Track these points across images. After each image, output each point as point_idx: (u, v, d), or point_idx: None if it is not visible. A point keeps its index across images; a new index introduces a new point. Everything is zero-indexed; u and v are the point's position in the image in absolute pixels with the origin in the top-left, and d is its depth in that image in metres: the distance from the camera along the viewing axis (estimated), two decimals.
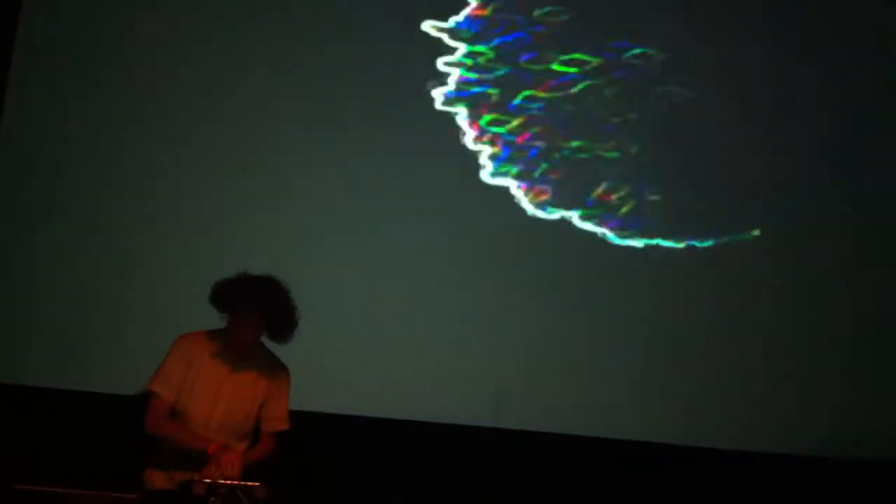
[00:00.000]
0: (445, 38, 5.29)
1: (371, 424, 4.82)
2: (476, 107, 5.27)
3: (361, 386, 4.84)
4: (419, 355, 4.96)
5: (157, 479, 3.60)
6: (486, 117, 5.27)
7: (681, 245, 5.32)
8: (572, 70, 5.37)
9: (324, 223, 5.03)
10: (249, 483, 3.29)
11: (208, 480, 3.29)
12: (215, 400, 3.57)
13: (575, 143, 5.32)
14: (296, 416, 3.73)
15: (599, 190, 5.32)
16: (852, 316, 5.38)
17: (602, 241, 5.27)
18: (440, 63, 5.25)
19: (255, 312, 3.52)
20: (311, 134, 5.09)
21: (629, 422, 5.09)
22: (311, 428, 3.95)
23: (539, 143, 5.29)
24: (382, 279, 5.01)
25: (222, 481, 3.29)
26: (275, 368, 3.70)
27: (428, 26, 5.27)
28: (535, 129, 5.31)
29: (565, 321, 5.16)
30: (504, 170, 5.24)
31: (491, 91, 5.29)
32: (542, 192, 5.25)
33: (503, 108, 5.30)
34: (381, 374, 4.87)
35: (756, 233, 5.40)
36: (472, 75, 5.28)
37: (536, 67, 5.35)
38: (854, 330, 5.37)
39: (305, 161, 5.07)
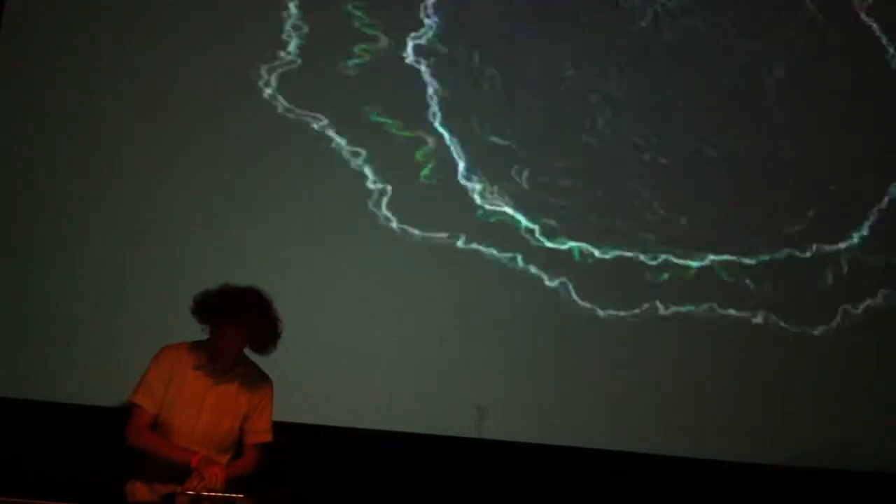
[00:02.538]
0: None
1: (354, 435, 4.81)
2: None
3: (344, 397, 4.84)
4: (402, 366, 4.95)
5: (140, 492, 3.58)
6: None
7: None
8: None
9: (307, 236, 5.02)
10: (233, 495, 3.28)
11: (191, 493, 3.29)
12: (198, 411, 3.56)
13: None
14: (279, 428, 3.72)
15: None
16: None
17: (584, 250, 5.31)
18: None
19: (238, 324, 3.51)
20: (296, 145, 5.09)
21: (613, 432, 5.12)
22: (295, 439, 3.95)
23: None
24: (366, 291, 5.01)
25: (206, 493, 3.29)
26: (258, 380, 3.69)
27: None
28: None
29: (547, 331, 5.18)
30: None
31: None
32: None
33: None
34: (364, 385, 4.86)
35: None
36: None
37: None
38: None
39: (290, 173, 5.06)
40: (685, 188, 5.47)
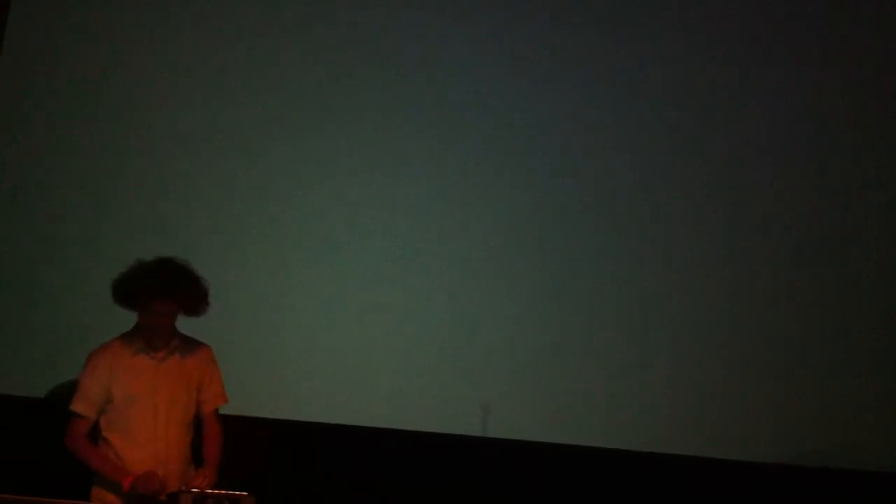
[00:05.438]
0: None
1: (358, 434, 4.81)
2: None
3: (348, 396, 4.84)
4: (407, 365, 4.97)
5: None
6: None
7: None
8: None
9: (311, 234, 5.03)
10: (237, 493, 3.27)
11: (196, 490, 3.28)
12: (154, 394, 3.52)
13: None
14: (284, 426, 3.71)
15: None
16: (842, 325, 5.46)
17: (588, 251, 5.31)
18: None
19: (165, 298, 3.46)
20: (297, 145, 5.10)
21: (617, 431, 5.12)
22: (298, 438, 3.94)
23: None
24: (371, 290, 5.02)
25: (209, 491, 3.28)
26: (196, 346, 3.66)
27: None
28: None
29: (552, 331, 5.18)
30: None
31: None
32: None
33: None
34: (368, 384, 4.88)
35: None
36: None
37: None
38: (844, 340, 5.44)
39: (293, 173, 5.07)
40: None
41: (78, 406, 3.51)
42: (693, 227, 5.46)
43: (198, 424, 3.65)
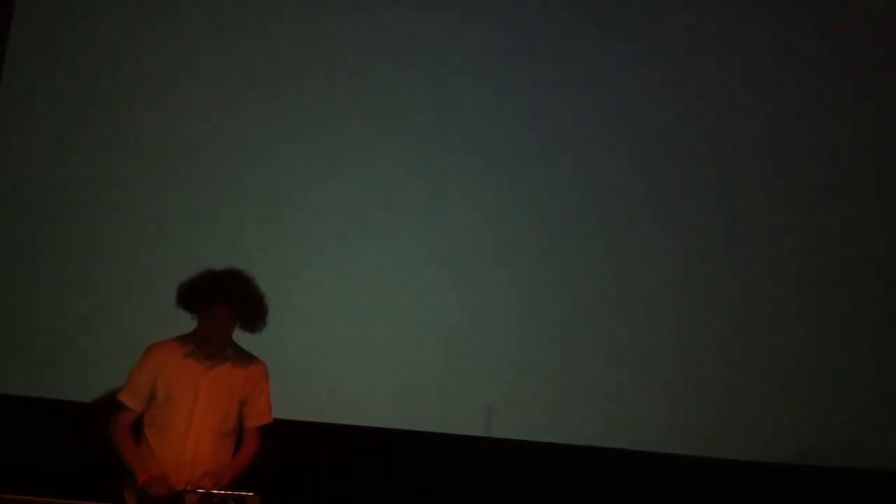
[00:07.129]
0: None
1: (362, 434, 4.81)
2: None
3: (354, 396, 4.84)
4: (411, 365, 4.96)
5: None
6: None
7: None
8: None
9: (316, 233, 5.03)
10: (243, 493, 3.28)
11: (202, 490, 3.28)
12: (195, 397, 3.54)
13: None
14: (288, 427, 3.71)
15: None
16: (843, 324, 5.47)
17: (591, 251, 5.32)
18: None
19: (228, 303, 3.50)
20: (297, 145, 5.09)
21: (621, 430, 5.12)
22: (303, 438, 3.94)
23: None
24: (374, 290, 5.02)
25: (215, 492, 3.28)
26: (251, 360, 3.67)
27: None
28: None
29: (555, 331, 5.18)
30: None
31: None
32: None
33: None
34: (372, 384, 4.88)
35: None
36: None
37: None
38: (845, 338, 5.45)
39: (297, 172, 5.07)
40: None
41: (123, 396, 3.55)
42: (693, 227, 5.47)
43: None
